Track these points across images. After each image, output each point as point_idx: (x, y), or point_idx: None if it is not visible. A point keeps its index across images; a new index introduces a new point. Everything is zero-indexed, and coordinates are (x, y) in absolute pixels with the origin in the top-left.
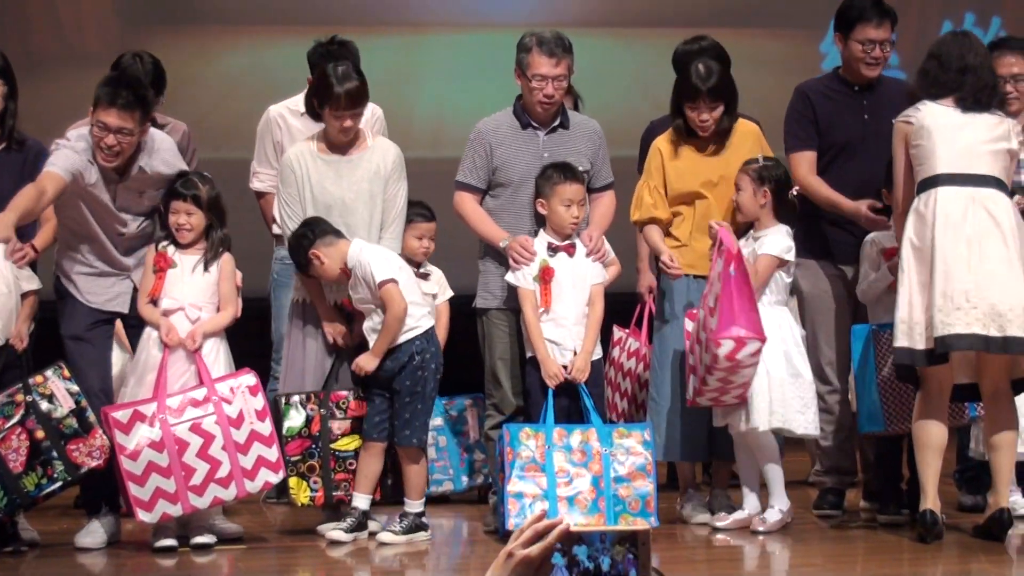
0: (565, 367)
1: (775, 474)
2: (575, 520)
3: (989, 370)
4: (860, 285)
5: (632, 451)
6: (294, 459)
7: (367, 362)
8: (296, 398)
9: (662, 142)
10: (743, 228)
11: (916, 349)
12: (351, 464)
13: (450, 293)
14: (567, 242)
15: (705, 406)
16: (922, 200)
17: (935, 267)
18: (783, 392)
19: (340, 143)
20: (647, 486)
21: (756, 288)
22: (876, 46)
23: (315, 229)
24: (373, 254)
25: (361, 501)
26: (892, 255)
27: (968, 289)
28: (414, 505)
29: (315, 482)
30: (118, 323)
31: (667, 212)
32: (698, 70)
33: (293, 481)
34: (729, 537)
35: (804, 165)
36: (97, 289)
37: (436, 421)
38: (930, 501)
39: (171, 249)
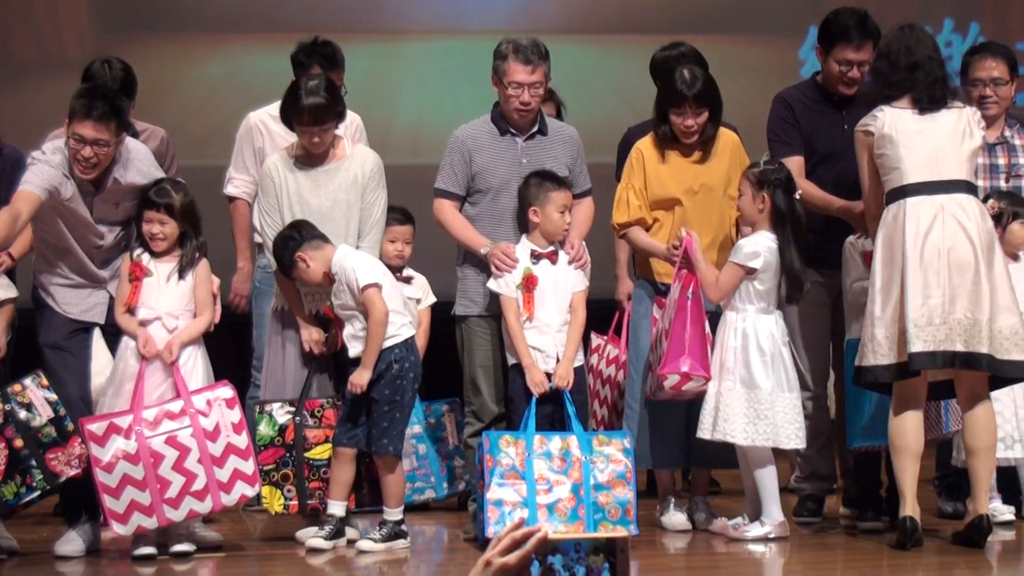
0: (549, 375)
1: (766, 482)
2: (555, 528)
3: (965, 377)
4: (847, 290)
5: (612, 458)
6: (267, 468)
7: (360, 377)
8: (269, 407)
9: (644, 145)
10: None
11: (886, 364)
12: (325, 472)
13: (433, 299)
14: (550, 249)
15: (662, 398)
16: (891, 212)
17: (906, 281)
18: (773, 408)
19: (314, 157)
20: (627, 494)
21: (723, 293)
22: (854, 67)
23: (302, 232)
24: (358, 259)
25: (337, 508)
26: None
27: (938, 304)
28: (393, 513)
29: (289, 491)
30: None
31: (649, 215)
32: (683, 76)
33: (266, 490)
34: (710, 544)
35: (793, 169)
36: (74, 300)
37: (415, 428)
38: (909, 507)
39: (145, 258)
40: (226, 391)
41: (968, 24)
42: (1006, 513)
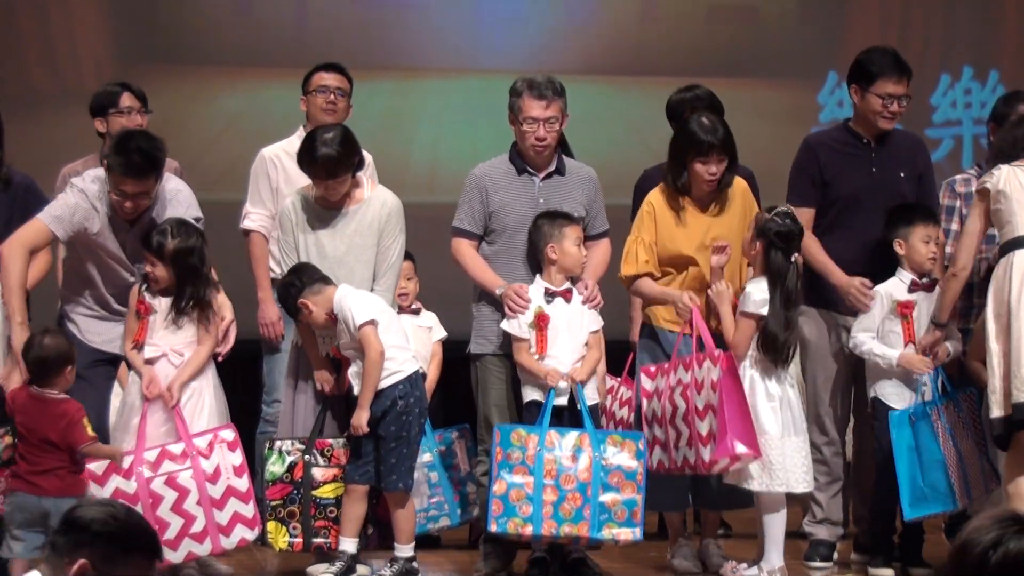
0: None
1: (772, 528)
2: (558, 528)
3: None
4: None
5: (624, 460)
6: (274, 504)
7: (359, 419)
8: (280, 443)
9: (655, 197)
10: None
11: (998, 417)
12: (332, 512)
13: (443, 333)
14: (565, 287)
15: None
16: (1001, 265)
17: (1012, 333)
18: (783, 453)
19: (331, 204)
20: (635, 496)
21: (744, 350)
22: (895, 101)
23: (303, 277)
24: (355, 299)
25: (349, 545)
26: (905, 309)
27: None
28: (404, 550)
29: (295, 528)
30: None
31: (659, 269)
32: (703, 124)
33: (272, 526)
34: None
35: (802, 221)
36: (96, 329)
37: (426, 457)
38: None
39: (148, 295)
40: (228, 433)
41: (987, 72)
42: None
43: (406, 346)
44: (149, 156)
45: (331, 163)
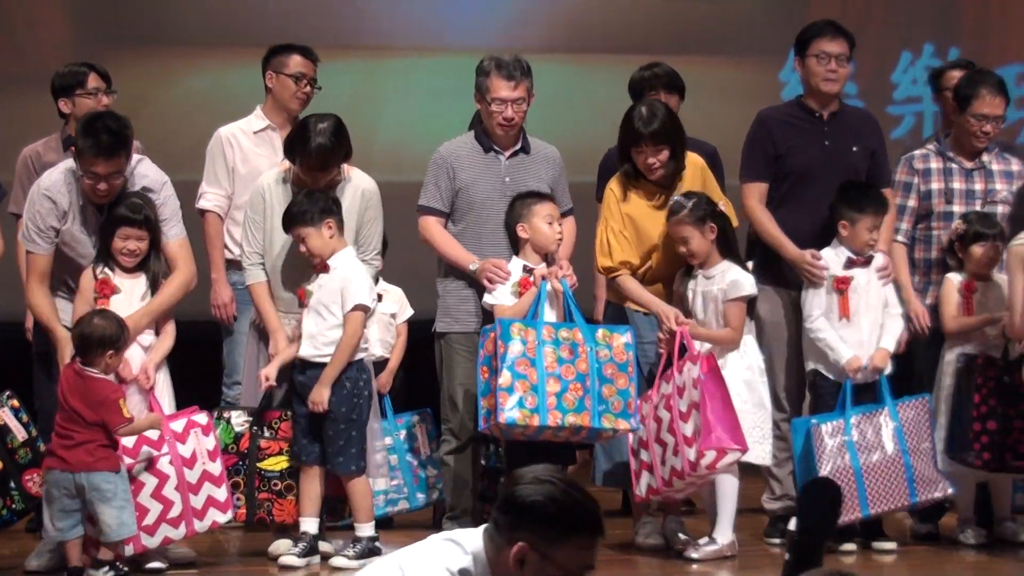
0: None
1: (727, 492)
2: (563, 417)
3: None
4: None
5: (615, 351)
6: None
7: (320, 394)
8: (228, 414)
9: (615, 185)
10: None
11: None
12: (275, 484)
13: (410, 312)
14: (541, 266)
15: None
16: None
17: None
18: (741, 421)
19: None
20: (628, 386)
21: (738, 333)
22: (832, 59)
23: (337, 209)
24: (363, 273)
25: (310, 525)
26: (842, 284)
27: None
28: (365, 529)
29: (238, 499)
30: None
31: (636, 256)
32: (640, 113)
33: None
34: (686, 564)
35: (754, 196)
36: (68, 308)
37: (387, 440)
38: None
39: (111, 274)
40: (202, 417)
41: (948, 49)
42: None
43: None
44: (118, 135)
45: (324, 154)
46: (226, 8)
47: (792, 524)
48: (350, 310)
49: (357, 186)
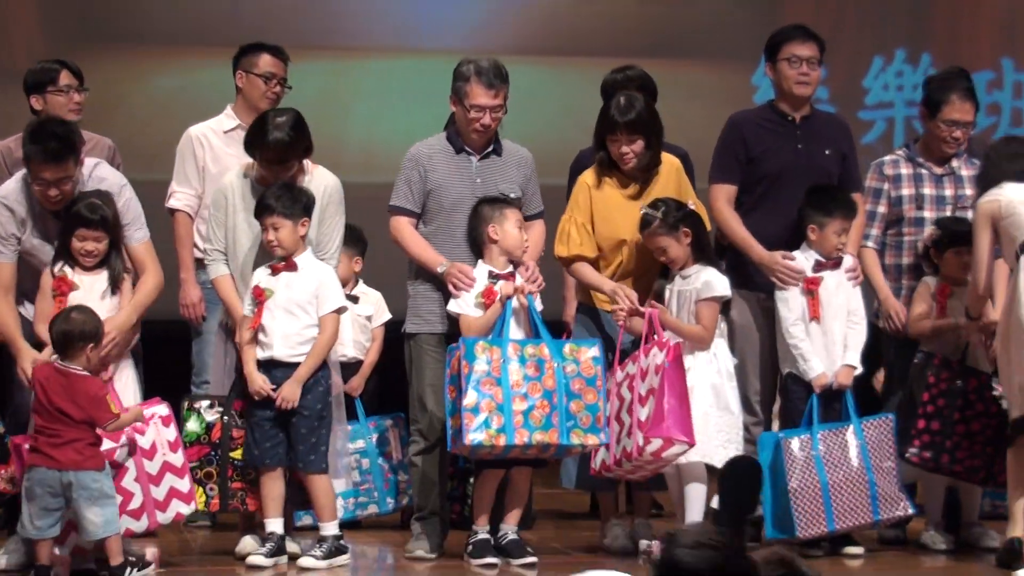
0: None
1: (694, 498)
2: (530, 436)
3: None
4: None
5: (583, 366)
6: (191, 465)
7: (293, 392)
8: (198, 404)
9: (589, 176)
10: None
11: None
12: (249, 473)
13: (387, 316)
14: (507, 271)
15: (609, 477)
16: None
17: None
18: (706, 425)
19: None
20: (597, 401)
21: (710, 333)
22: (803, 63)
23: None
24: (334, 274)
25: (275, 525)
26: (812, 285)
27: None
28: (330, 528)
29: (211, 489)
30: None
31: (594, 250)
32: (618, 102)
33: None
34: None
35: (722, 197)
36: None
37: (359, 443)
38: (1018, 529)
39: (70, 272)
40: (162, 409)
41: (920, 54)
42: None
43: None
44: (65, 140)
45: (282, 148)
46: (198, 7)
47: (715, 502)
48: (329, 312)
49: (320, 183)
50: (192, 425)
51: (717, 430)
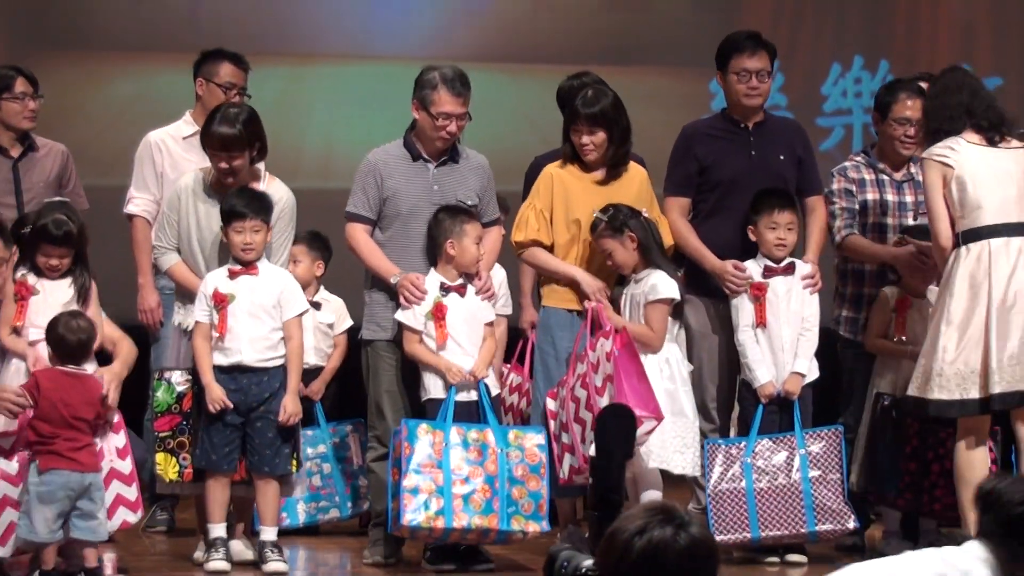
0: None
1: None
2: (469, 520)
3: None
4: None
5: (527, 452)
6: (163, 435)
7: (295, 405)
8: (169, 374)
9: (553, 167)
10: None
11: (958, 399)
12: None
13: (349, 322)
14: (459, 282)
15: (579, 483)
16: (972, 252)
17: (991, 323)
18: (662, 431)
19: (224, 185)
20: (540, 488)
21: (658, 335)
22: (752, 76)
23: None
24: (295, 280)
25: (220, 530)
26: (757, 291)
27: (1017, 346)
28: (271, 532)
29: (184, 459)
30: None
31: (550, 238)
32: (585, 95)
33: (160, 457)
34: None
35: (675, 210)
36: None
37: (320, 448)
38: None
39: (32, 278)
40: (111, 415)
41: (878, 61)
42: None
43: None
44: None
45: (227, 137)
46: (155, 12)
47: (591, 450)
48: (294, 317)
49: (275, 195)
50: (162, 395)
51: (673, 435)
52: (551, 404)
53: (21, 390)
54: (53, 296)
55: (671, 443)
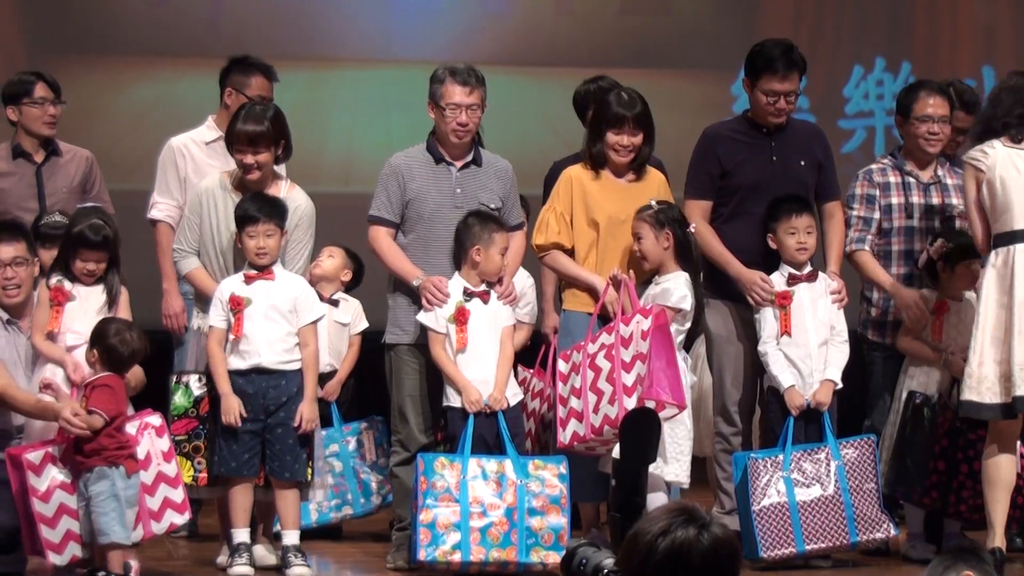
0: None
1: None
2: (487, 553)
3: None
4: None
5: (547, 483)
6: (178, 439)
7: (313, 411)
8: (186, 378)
9: (575, 170)
10: (648, 276)
11: (987, 403)
12: None
13: (364, 324)
14: (482, 288)
15: (579, 452)
16: (1000, 257)
17: (1015, 327)
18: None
19: (248, 183)
20: (560, 520)
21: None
22: (780, 98)
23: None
24: (309, 286)
25: (244, 535)
26: (783, 300)
27: None
28: (295, 535)
29: (199, 463)
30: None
31: (570, 241)
32: (621, 97)
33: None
34: None
35: (697, 213)
36: None
37: (332, 447)
38: (998, 539)
39: (67, 283)
40: (155, 419)
41: (900, 63)
42: None
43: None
44: (12, 224)
45: (253, 134)
46: (175, 17)
47: (616, 453)
48: (309, 323)
49: (293, 203)
50: (179, 399)
51: (670, 442)
52: (562, 366)
53: (82, 409)
54: (88, 302)
55: (668, 450)
